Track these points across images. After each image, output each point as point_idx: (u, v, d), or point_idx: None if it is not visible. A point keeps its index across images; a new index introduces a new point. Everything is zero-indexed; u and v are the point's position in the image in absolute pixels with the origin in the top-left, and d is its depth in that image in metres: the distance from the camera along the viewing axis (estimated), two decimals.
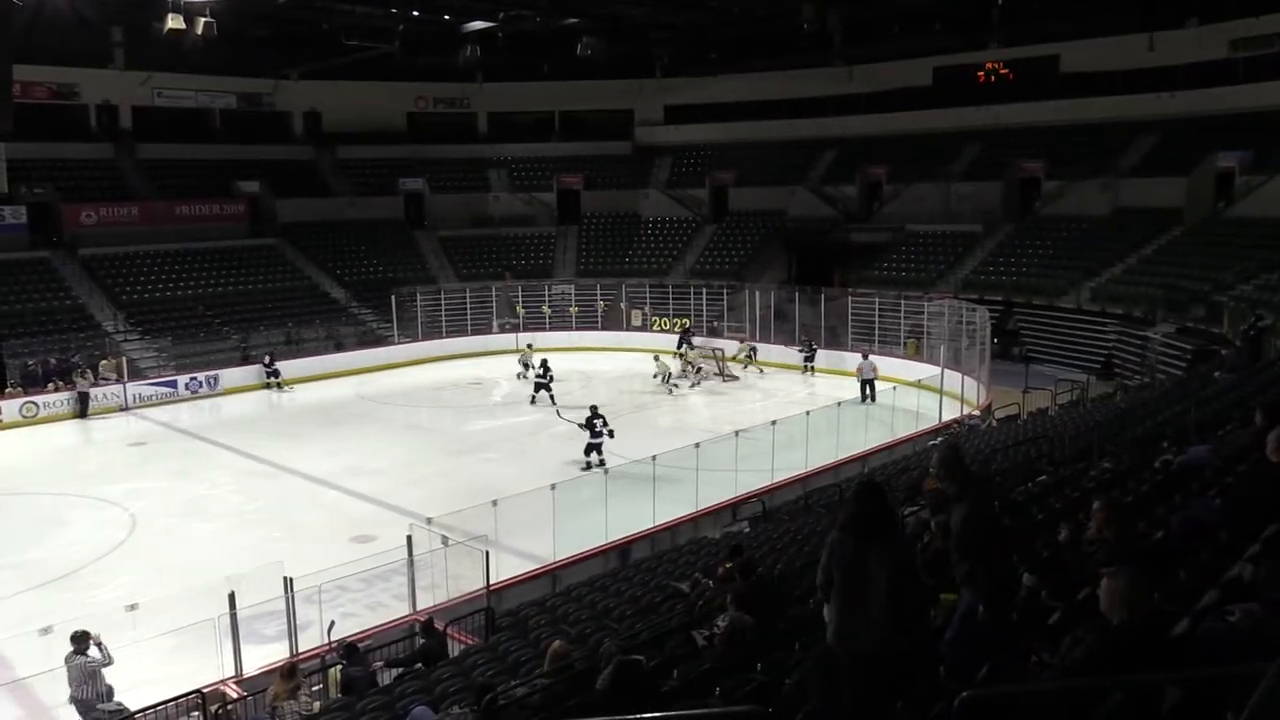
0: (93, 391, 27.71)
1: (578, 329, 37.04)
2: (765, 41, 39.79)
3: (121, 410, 27.98)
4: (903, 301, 32.04)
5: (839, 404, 21.13)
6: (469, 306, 37.71)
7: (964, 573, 5.15)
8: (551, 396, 26.79)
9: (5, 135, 9.13)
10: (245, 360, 31.76)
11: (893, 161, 41.08)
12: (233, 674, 11.41)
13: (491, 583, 13.14)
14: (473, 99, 46.70)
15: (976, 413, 24.25)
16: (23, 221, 34.00)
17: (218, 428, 26.09)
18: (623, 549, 15.60)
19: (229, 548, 16.34)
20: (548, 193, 45.45)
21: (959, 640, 5.08)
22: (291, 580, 12.10)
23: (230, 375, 30.40)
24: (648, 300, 38.26)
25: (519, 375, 29.83)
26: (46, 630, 10.84)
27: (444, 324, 36.96)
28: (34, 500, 19.89)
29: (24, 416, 26.72)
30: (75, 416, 27.20)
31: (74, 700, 10.51)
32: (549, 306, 38.47)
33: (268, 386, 30.51)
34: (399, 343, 35.34)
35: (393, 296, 36.12)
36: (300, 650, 11.92)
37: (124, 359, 29.47)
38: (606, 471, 18.14)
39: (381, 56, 36.33)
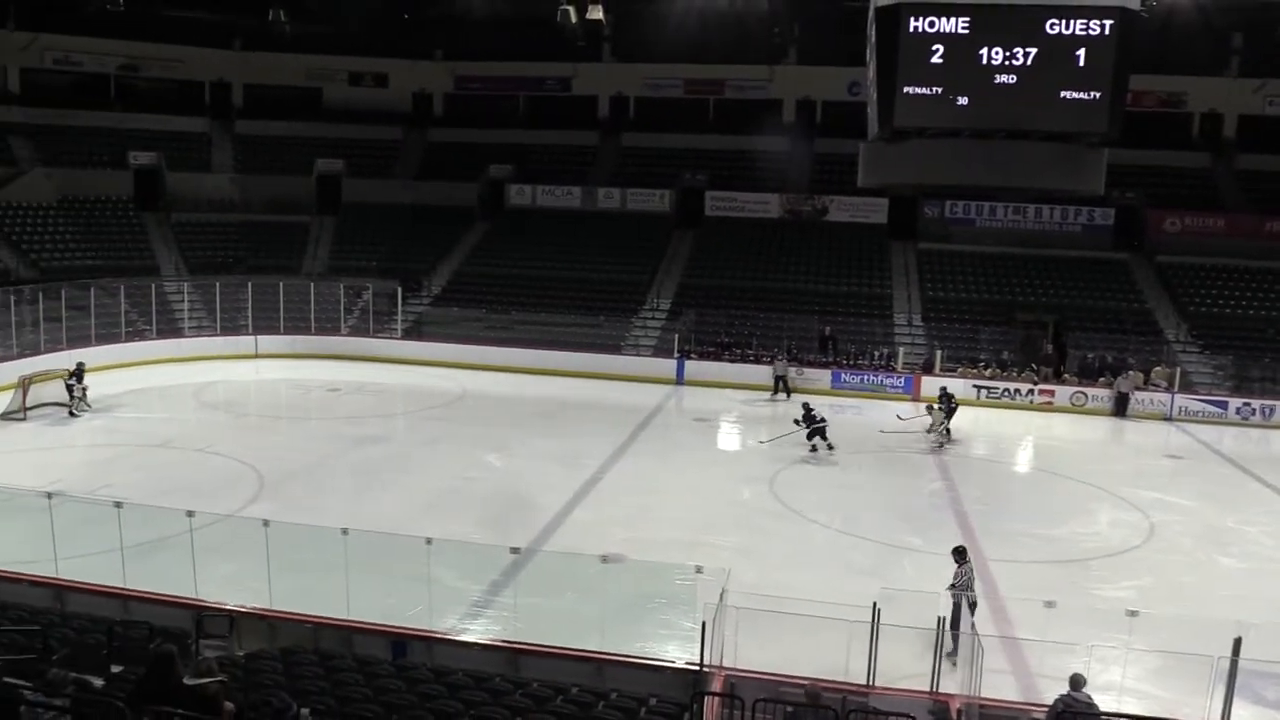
0: (1136, 395, 28.29)
1: None
2: None
3: (1165, 420, 28.00)
4: None
5: None
6: None
7: None
8: None
9: (1112, 141, 9.77)
10: None
11: None
12: None
13: None
14: None
15: None
16: (1109, 224, 36.12)
17: (1261, 461, 24.10)
18: None
19: (1242, 589, 15.22)
20: None
21: None
22: None
23: None
24: None
25: None
26: (1050, 604, 11.53)
27: None
28: (1068, 484, 21.37)
29: (1073, 404, 28.84)
30: (1113, 415, 28.24)
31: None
32: None
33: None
34: None
35: None
36: None
37: (1178, 369, 29.25)
38: None
39: None
